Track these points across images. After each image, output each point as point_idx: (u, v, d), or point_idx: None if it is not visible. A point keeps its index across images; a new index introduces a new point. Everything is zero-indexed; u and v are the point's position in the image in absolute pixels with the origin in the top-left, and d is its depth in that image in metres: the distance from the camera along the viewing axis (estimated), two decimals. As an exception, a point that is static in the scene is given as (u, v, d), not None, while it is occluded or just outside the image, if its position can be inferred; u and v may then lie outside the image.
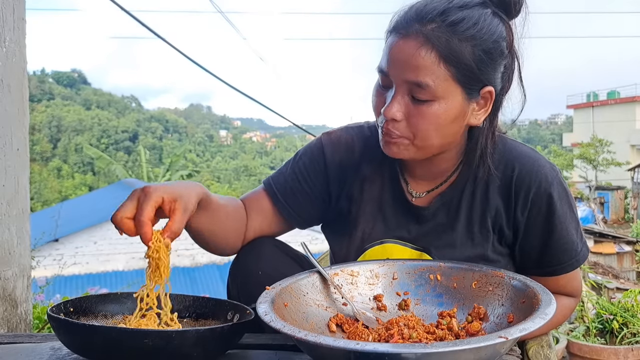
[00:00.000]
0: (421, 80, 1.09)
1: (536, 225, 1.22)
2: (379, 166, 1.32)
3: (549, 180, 1.20)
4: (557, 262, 1.24)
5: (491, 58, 1.12)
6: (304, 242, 1.35)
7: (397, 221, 1.29)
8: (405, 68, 1.10)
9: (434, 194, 1.28)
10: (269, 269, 1.29)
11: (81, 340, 1.01)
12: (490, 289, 1.12)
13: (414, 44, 1.09)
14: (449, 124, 1.13)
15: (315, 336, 0.86)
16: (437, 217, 1.26)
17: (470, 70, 1.10)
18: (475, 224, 1.24)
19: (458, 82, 1.10)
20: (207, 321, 1.21)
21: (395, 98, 1.12)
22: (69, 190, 38.26)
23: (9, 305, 1.93)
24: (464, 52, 1.08)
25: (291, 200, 1.35)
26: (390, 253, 1.29)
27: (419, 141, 1.14)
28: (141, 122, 54.83)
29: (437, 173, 1.27)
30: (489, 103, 1.16)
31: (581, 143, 27.08)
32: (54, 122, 47.52)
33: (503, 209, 1.23)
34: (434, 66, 1.08)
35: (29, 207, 2.06)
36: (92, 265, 11.61)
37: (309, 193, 1.36)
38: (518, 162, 1.22)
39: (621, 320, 3.44)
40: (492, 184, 1.23)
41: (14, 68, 1.95)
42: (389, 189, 1.31)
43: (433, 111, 1.11)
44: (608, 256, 11.59)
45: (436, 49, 1.08)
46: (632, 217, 21.80)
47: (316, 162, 1.35)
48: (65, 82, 60.54)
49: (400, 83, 1.12)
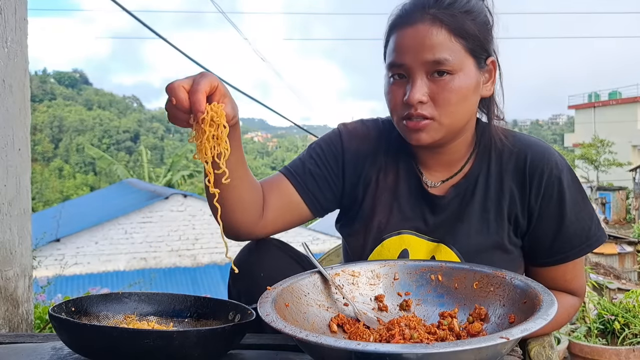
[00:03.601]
0: (439, 57, 1.15)
1: (549, 210, 1.23)
2: (394, 158, 1.34)
3: (560, 167, 1.24)
4: (570, 247, 1.25)
5: (487, 29, 1.22)
6: (304, 242, 1.35)
7: (412, 211, 1.31)
8: (421, 50, 1.15)
9: (449, 184, 1.30)
10: (270, 269, 1.29)
11: (82, 340, 1.01)
12: (492, 290, 1.12)
13: (424, 27, 1.16)
14: (471, 95, 1.20)
15: (316, 336, 0.86)
16: (452, 207, 1.28)
17: (477, 40, 1.18)
18: (491, 213, 1.26)
19: (470, 53, 1.18)
20: (208, 321, 1.21)
21: (415, 83, 1.17)
22: (70, 190, 38.31)
23: (11, 305, 1.94)
24: (468, 24, 1.17)
25: (310, 183, 1.34)
26: (407, 244, 1.29)
27: (446, 118, 1.18)
28: (142, 122, 54.90)
29: (451, 162, 1.30)
30: (493, 74, 1.24)
31: (583, 143, 27.07)
32: (55, 122, 47.60)
33: (518, 197, 1.25)
34: (447, 41, 1.15)
35: (31, 207, 2.06)
36: (94, 265, 11.63)
37: (326, 177, 1.35)
38: (530, 150, 1.26)
39: (623, 321, 3.43)
40: (506, 173, 1.26)
41: (15, 68, 1.95)
42: (404, 180, 1.33)
43: (456, 84, 1.17)
44: (610, 257, 11.58)
45: (445, 26, 1.15)
46: (633, 218, 21.78)
47: (333, 147, 1.37)
48: (66, 82, 60.64)
49: (418, 67, 1.16)
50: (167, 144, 51.89)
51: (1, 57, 1.89)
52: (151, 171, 23.75)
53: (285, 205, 1.33)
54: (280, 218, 1.33)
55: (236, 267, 1.35)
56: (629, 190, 23.51)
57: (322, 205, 1.37)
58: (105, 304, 1.21)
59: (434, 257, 1.28)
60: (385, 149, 1.35)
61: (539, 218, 1.24)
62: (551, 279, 1.25)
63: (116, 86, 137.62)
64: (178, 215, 12.36)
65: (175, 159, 23.01)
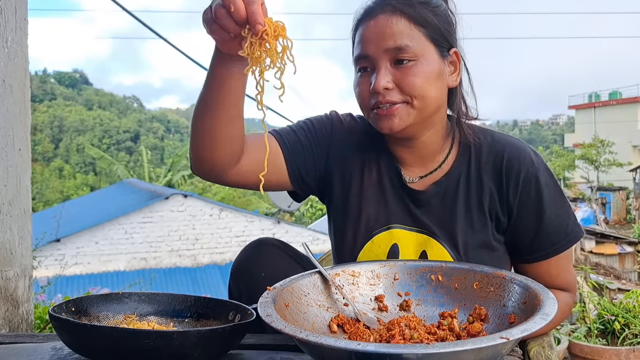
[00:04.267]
0: (400, 44, 1.19)
1: (528, 208, 1.26)
2: (376, 154, 1.36)
3: (536, 165, 1.26)
4: (550, 244, 1.27)
5: (447, 21, 1.26)
6: (304, 242, 1.35)
7: (398, 205, 1.32)
8: (383, 39, 1.20)
9: (428, 181, 1.31)
10: (271, 269, 1.29)
11: (83, 340, 1.01)
12: (492, 290, 1.12)
13: (385, 17, 1.21)
14: (435, 80, 1.22)
15: (316, 337, 0.86)
16: (435, 204, 1.29)
17: (437, 30, 1.23)
18: (474, 212, 1.28)
19: (431, 41, 1.22)
20: (208, 321, 1.21)
21: (380, 71, 1.20)
22: (70, 190, 38.30)
23: (11, 305, 1.94)
24: (427, 14, 1.22)
25: (297, 150, 1.33)
26: (397, 238, 1.30)
27: (417, 100, 1.21)
28: (143, 122, 54.90)
29: (425, 157, 1.31)
30: (458, 66, 1.28)
31: (583, 143, 27.04)
32: (55, 123, 47.60)
33: (497, 195, 1.27)
34: (408, 29, 1.20)
35: (31, 207, 2.06)
36: (94, 265, 11.62)
37: (313, 151, 1.35)
38: (506, 149, 1.28)
39: (623, 321, 3.43)
40: (485, 173, 1.28)
41: (16, 68, 1.95)
42: (386, 175, 1.34)
43: (419, 69, 1.20)
44: (610, 257, 11.58)
45: (405, 15, 1.21)
46: (633, 218, 21.78)
47: (324, 126, 1.38)
48: (67, 82, 60.65)
49: (381, 55, 1.20)
50: (167, 144, 51.86)
51: (1, 57, 1.89)
52: (151, 171, 23.74)
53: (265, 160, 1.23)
54: (254, 172, 1.24)
55: (237, 267, 1.35)
56: (629, 190, 23.49)
57: (302, 176, 1.35)
58: (106, 304, 1.21)
59: (424, 252, 1.29)
60: (369, 145, 1.36)
61: (518, 216, 1.27)
62: (536, 275, 1.26)
63: (116, 86, 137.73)
64: (178, 215, 12.36)
65: (175, 159, 23.00)
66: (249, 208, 22.85)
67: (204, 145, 1.18)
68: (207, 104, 1.14)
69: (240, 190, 37.35)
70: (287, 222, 13.90)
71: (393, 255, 1.30)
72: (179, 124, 60.21)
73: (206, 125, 1.16)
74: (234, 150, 1.20)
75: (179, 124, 60.36)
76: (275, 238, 1.41)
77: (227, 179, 1.25)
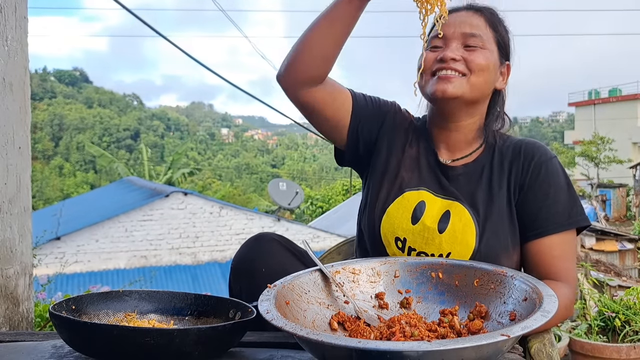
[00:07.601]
0: (475, 32, 1.41)
1: (535, 186, 1.39)
2: (417, 138, 1.54)
3: (549, 155, 1.44)
4: (552, 222, 1.37)
5: (509, 38, 1.49)
6: (305, 240, 1.36)
7: (430, 175, 1.48)
8: (461, 25, 1.41)
9: (459, 163, 1.48)
10: (271, 265, 1.30)
11: (83, 338, 1.01)
12: (492, 287, 1.12)
13: (467, 13, 1.44)
14: (492, 72, 1.42)
15: (317, 334, 0.86)
16: (462, 181, 1.45)
17: (503, 40, 1.46)
18: (495, 188, 1.41)
19: (496, 44, 1.44)
20: (208, 319, 1.21)
21: (450, 45, 1.40)
22: (70, 188, 38.32)
23: (11, 304, 1.94)
24: (500, 25, 1.46)
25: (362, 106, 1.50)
26: (425, 198, 1.44)
27: (474, 76, 1.39)
28: (143, 120, 54.87)
29: (461, 143, 1.48)
30: (506, 76, 1.49)
31: (583, 141, 27.01)
32: (55, 121, 47.59)
33: (513, 174, 1.42)
34: (483, 27, 1.43)
35: (31, 205, 2.06)
36: (94, 263, 11.63)
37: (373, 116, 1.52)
38: (523, 142, 1.47)
39: (623, 318, 3.43)
40: (506, 159, 1.45)
41: (15, 66, 1.95)
42: (424, 154, 1.51)
43: (485, 55, 1.40)
44: (610, 254, 11.59)
45: (484, 17, 1.44)
46: (634, 215, 21.78)
47: (387, 104, 1.57)
48: (67, 80, 60.57)
49: (457, 37, 1.40)
50: (167, 142, 51.88)
51: (1, 55, 1.88)
52: (151, 169, 23.77)
53: (337, 100, 1.45)
54: (324, 102, 1.43)
55: (237, 263, 1.36)
56: (629, 187, 23.47)
57: (358, 132, 1.50)
58: (106, 302, 1.21)
59: (448, 212, 1.39)
60: (414, 132, 1.56)
61: (528, 189, 1.40)
62: (538, 254, 1.36)
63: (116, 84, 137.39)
64: (178, 213, 12.36)
65: (175, 157, 23.04)
66: (249, 206, 22.85)
67: (307, 57, 1.35)
68: (331, 19, 1.33)
69: (240, 188, 37.33)
70: (287, 220, 13.87)
71: (419, 211, 1.41)
72: (179, 122, 60.18)
73: (318, 38, 1.34)
74: (326, 70, 1.38)
75: (179, 121, 60.33)
76: (274, 233, 1.42)
77: (302, 95, 1.41)
